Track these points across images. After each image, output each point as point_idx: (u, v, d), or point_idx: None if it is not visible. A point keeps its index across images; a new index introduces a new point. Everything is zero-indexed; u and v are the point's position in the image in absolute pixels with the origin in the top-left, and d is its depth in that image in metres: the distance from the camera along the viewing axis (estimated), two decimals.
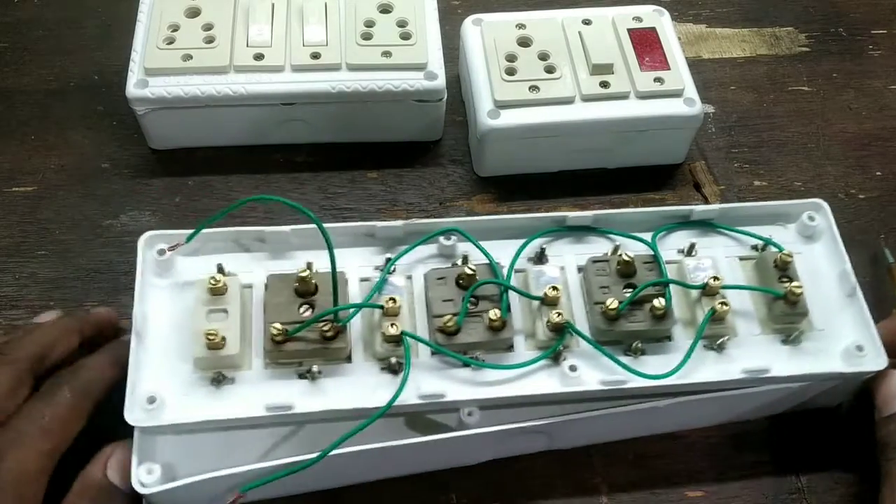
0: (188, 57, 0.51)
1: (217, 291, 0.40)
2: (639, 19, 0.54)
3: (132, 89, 0.50)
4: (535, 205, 0.53)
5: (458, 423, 0.40)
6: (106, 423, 0.38)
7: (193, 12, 0.53)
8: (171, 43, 0.51)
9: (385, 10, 0.54)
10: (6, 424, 0.36)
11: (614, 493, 0.43)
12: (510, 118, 0.50)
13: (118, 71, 0.56)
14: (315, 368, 0.39)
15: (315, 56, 0.51)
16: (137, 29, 0.52)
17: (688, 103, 0.51)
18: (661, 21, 0.54)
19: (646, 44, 0.53)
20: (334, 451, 0.37)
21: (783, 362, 0.41)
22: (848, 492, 0.44)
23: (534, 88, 0.51)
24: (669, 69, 0.52)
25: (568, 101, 0.51)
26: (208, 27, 0.52)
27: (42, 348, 0.39)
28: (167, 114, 0.51)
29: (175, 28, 0.52)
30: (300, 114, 0.52)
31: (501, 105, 0.50)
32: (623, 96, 0.51)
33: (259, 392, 0.39)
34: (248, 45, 0.51)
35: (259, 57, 0.51)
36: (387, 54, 0.52)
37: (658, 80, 0.51)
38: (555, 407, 0.41)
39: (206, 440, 0.39)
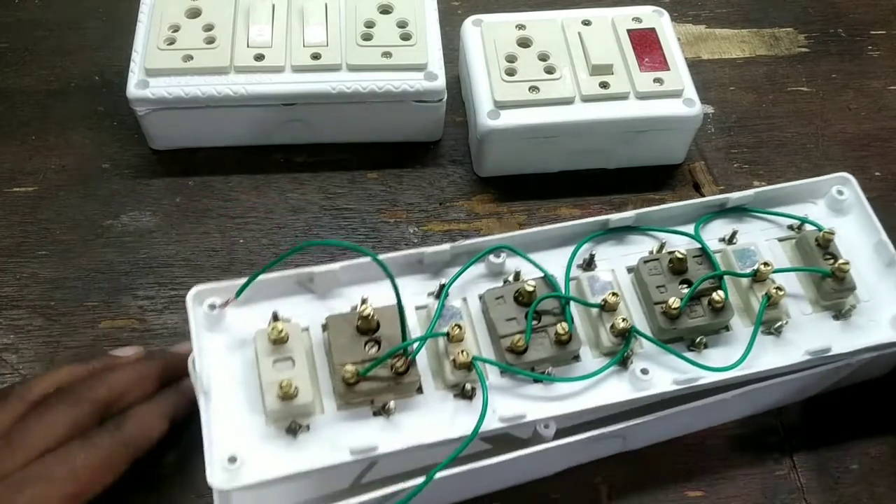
0: (189, 57, 0.51)
1: (279, 340, 0.38)
2: (638, 20, 0.54)
3: (133, 90, 0.50)
4: (535, 205, 0.53)
5: (532, 435, 0.40)
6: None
7: (194, 13, 0.53)
8: (171, 43, 0.51)
9: (385, 10, 0.54)
10: (39, 460, 0.36)
11: (614, 493, 0.44)
12: (510, 118, 0.50)
13: (119, 71, 0.56)
14: (390, 405, 0.38)
15: (315, 56, 0.51)
16: (138, 29, 0.52)
17: (687, 104, 0.52)
18: (661, 22, 0.55)
19: (645, 44, 0.53)
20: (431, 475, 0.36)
21: (840, 339, 0.42)
22: (847, 491, 0.44)
23: (534, 89, 0.51)
24: (669, 70, 0.52)
25: (568, 101, 0.51)
26: (209, 28, 0.52)
27: (114, 395, 0.39)
28: (168, 114, 0.51)
29: (176, 29, 0.52)
30: (300, 114, 0.52)
31: (501, 105, 0.50)
32: (623, 97, 0.51)
33: (338, 436, 0.38)
34: (248, 46, 0.52)
35: (259, 57, 0.51)
36: (387, 55, 0.52)
37: (657, 80, 0.52)
38: (619, 405, 0.40)
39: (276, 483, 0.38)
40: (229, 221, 0.52)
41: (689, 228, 0.45)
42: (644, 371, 0.40)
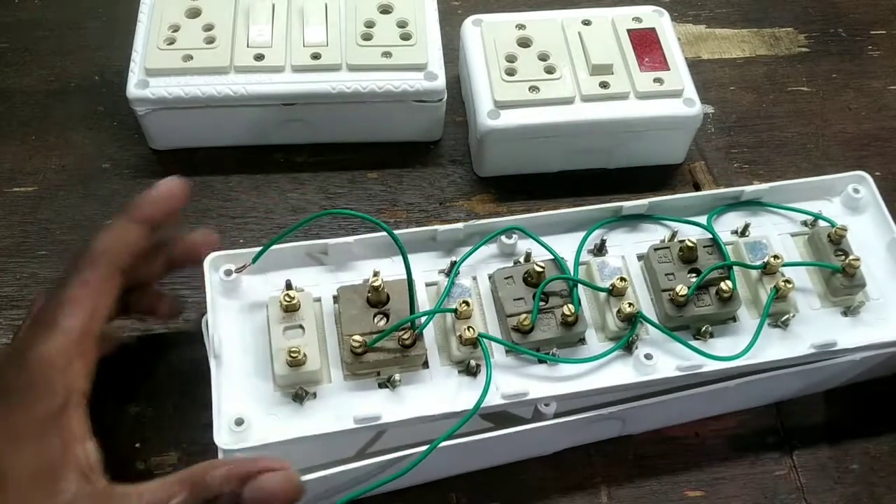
0: (189, 57, 0.51)
1: (291, 308, 0.40)
2: (638, 20, 0.54)
3: (133, 89, 0.50)
4: (534, 205, 0.53)
5: (533, 413, 0.40)
6: None
7: (194, 13, 0.53)
8: (171, 43, 0.51)
9: (385, 10, 0.54)
10: (37, 317, 0.36)
11: (614, 493, 0.44)
12: (510, 118, 0.50)
13: (119, 71, 0.56)
14: (396, 377, 0.39)
15: (315, 56, 0.51)
16: (138, 29, 0.52)
17: (687, 104, 0.52)
18: (661, 21, 0.55)
19: (645, 44, 0.53)
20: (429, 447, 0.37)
21: (847, 335, 0.42)
22: (847, 491, 0.44)
23: (534, 89, 0.51)
24: (669, 70, 0.52)
25: (568, 101, 0.51)
26: (209, 27, 0.52)
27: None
28: (168, 114, 0.51)
29: (175, 28, 0.52)
30: (300, 114, 0.52)
31: (501, 105, 0.50)
32: (623, 97, 0.51)
33: (344, 405, 0.39)
34: (248, 46, 0.52)
35: (259, 57, 0.51)
36: (387, 55, 0.52)
37: (658, 80, 0.51)
38: (622, 392, 0.41)
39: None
40: (229, 221, 0.52)
41: (702, 219, 0.45)
42: (648, 356, 0.40)
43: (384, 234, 0.39)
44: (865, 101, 0.60)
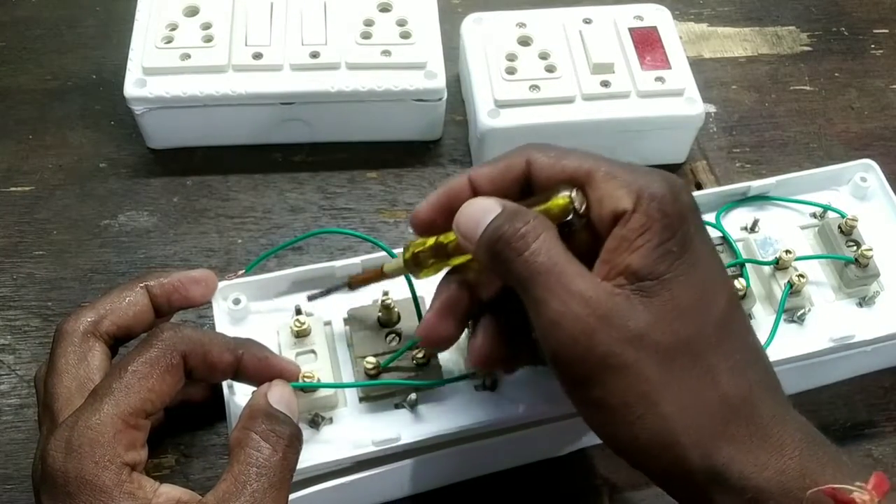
0: (187, 56, 0.50)
1: (301, 333, 0.39)
2: (640, 18, 0.54)
3: (130, 89, 0.50)
4: None
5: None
6: None
7: (192, 11, 0.52)
8: (169, 42, 0.51)
9: (384, 9, 0.54)
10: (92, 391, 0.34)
11: (615, 494, 0.43)
12: (510, 118, 0.50)
13: (116, 70, 0.55)
14: (412, 396, 0.39)
15: (314, 55, 0.51)
16: (136, 28, 0.52)
17: (689, 103, 0.51)
18: (663, 20, 0.54)
19: (647, 43, 0.53)
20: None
21: (864, 326, 0.42)
22: None
23: (534, 88, 0.51)
24: (670, 68, 0.52)
25: (568, 100, 0.51)
26: (207, 26, 0.52)
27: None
28: (165, 113, 0.51)
29: (173, 27, 0.52)
30: (299, 113, 0.52)
31: (501, 104, 0.50)
32: (624, 96, 0.51)
33: (361, 428, 0.38)
34: (246, 45, 0.51)
35: (258, 56, 0.51)
36: (386, 53, 0.51)
37: (659, 79, 0.51)
38: None
39: None
40: (227, 221, 0.51)
41: (711, 217, 0.45)
42: None
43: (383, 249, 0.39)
44: (868, 101, 0.60)
